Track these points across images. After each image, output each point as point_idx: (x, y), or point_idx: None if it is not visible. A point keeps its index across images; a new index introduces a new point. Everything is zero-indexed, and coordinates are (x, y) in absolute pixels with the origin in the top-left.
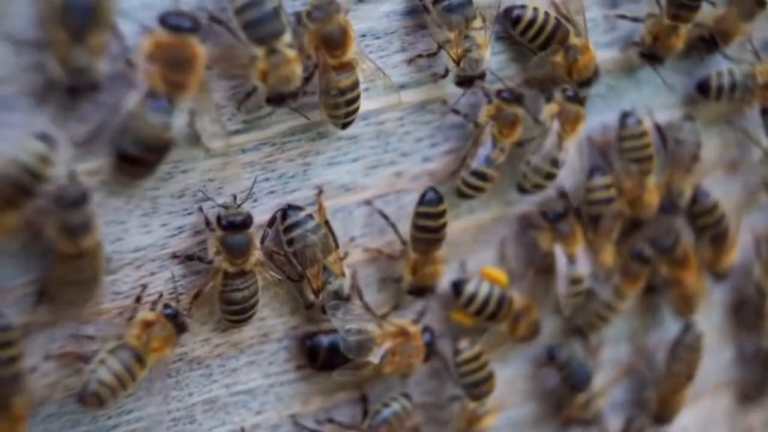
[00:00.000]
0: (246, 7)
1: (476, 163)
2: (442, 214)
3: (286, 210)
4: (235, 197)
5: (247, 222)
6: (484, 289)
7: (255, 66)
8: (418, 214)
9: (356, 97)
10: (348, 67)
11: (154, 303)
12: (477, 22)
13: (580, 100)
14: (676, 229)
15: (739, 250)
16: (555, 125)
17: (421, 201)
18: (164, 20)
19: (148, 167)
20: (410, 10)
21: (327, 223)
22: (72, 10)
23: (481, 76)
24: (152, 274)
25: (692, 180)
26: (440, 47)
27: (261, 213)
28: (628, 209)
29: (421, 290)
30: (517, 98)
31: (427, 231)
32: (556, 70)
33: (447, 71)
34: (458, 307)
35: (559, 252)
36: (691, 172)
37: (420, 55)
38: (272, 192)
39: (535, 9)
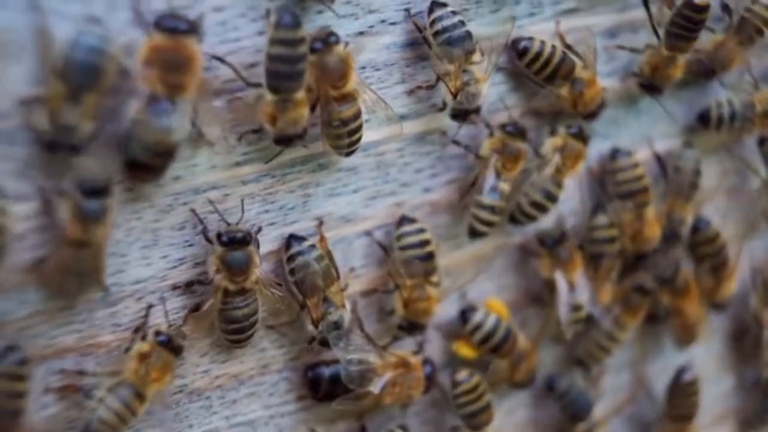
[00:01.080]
0: (279, 59)
1: (485, 197)
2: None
3: (290, 239)
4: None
5: (247, 239)
6: (491, 320)
7: (263, 108)
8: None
9: (359, 127)
10: (349, 98)
11: (144, 332)
12: (476, 56)
13: (584, 138)
14: (677, 259)
15: (738, 279)
16: (556, 159)
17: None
18: (159, 23)
19: (158, 171)
20: (410, 42)
21: (329, 253)
22: (76, 65)
23: (477, 111)
24: (153, 306)
25: (693, 208)
26: (439, 79)
27: (261, 244)
28: (630, 244)
29: (413, 326)
30: (520, 132)
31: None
32: (562, 104)
33: (445, 104)
34: (463, 335)
35: (559, 278)
36: (691, 200)
37: (419, 87)
38: (272, 223)
39: (542, 41)
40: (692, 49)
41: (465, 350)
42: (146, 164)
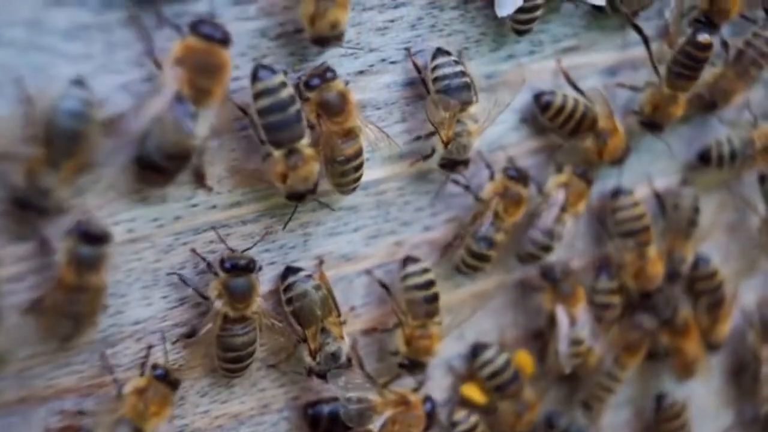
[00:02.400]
0: (269, 110)
1: (474, 244)
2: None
3: (286, 271)
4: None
5: (250, 266)
6: (502, 359)
7: (272, 168)
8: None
9: (362, 163)
10: (352, 134)
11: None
12: (473, 108)
13: (588, 179)
14: (676, 298)
15: (737, 314)
16: (559, 197)
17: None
18: (196, 28)
19: (168, 176)
20: (410, 81)
21: (330, 291)
22: (56, 131)
23: (465, 163)
24: (152, 346)
25: (693, 246)
26: (433, 126)
27: (261, 284)
28: (633, 283)
29: (415, 365)
30: (523, 178)
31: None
32: (587, 155)
33: (433, 151)
34: (474, 378)
35: (560, 312)
36: (690, 238)
37: (418, 137)
38: (272, 263)
39: (564, 95)
40: (693, 87)
41: (474, 394)
42: (158, 166)
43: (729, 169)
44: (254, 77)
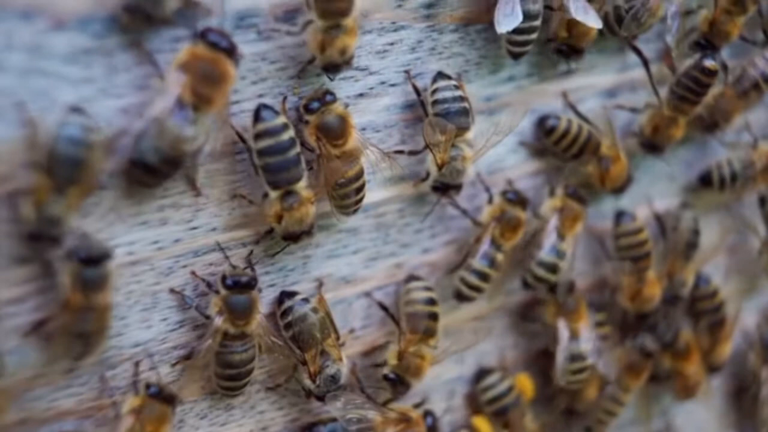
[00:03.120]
0: (269, 151)
1: (476, 262)
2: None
3: (281, 296)
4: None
5: (251, 283)
6: (504, 385)
7: (269, 208)
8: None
9: (363, 185)
10: (352, 156)
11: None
12: (469, 135)
13: (581, 199)
14: (677, 321)
15: (738, 336)
16: (554, 220)
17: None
18: (204, 35)
19: (159, 178)
20: (410, 104)
21: (328, 314)
22: (59, 159)
23: (458, 188)
24: (152, 368)
25: (693, 268)
26: (427, 147)
27: (262, 306)
28: (630, 304)
29: (400, 381)
30: (521, 201)
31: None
32: (589, 179)
33: (428, 175)
34: (483, 411)
35: (561, 326)
36: (690, 260)
37: (401, 152)
38: (272, 285)
39: (569, 120)
40: (695, 111)
41: (483, 426)
42: (152, 167)
43: (730, 190)
44: (256, 117)
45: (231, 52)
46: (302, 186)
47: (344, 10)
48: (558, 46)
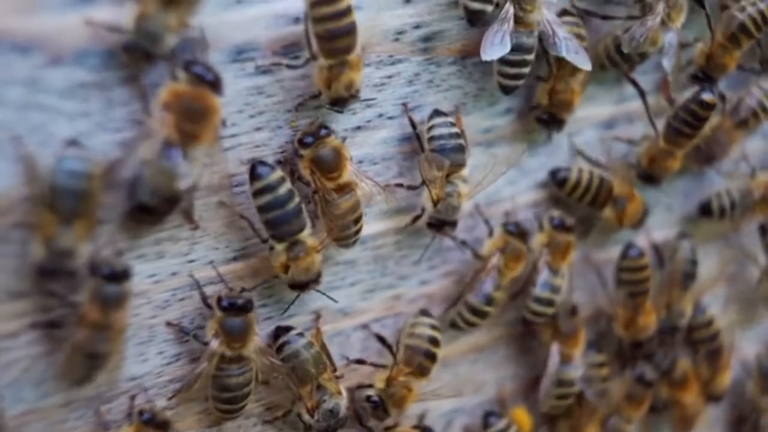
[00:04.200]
0: (269, 207)
1: (474, 299)
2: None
3: (277, 331)
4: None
5: (248, 306)
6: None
7: (275, 259)
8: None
9: (360, 217)
10: (347, 188)
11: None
12: (465, 172)
13: (569, 229)
14: (674, 351)
15: (737, 365)
16: (544, 256)
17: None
18: (188, 66)
19: (160, 216)
20: (407, 137)
21: (324, 346)
22: (62, 194)
23: (453, 224)
24: (148, 402)
25: (692, 298)
26: (424, 183)
27: (259, 338)
28: (624, 333)
29: (381, 407)
30: (522, 233)
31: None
32: (608, 224)
33: (423, 211)
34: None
35: (555, 349)
36: (688, 290)
37: (400, 185)
38: (269, 318)
39: (579, 169)
40: (691, 144)
41: None
42: (151, 208)
43: (729, 220)
44: (253, 175)
45: (214, 84)
46: (307, 235)
47: (348, 48)
48: (539, 114)
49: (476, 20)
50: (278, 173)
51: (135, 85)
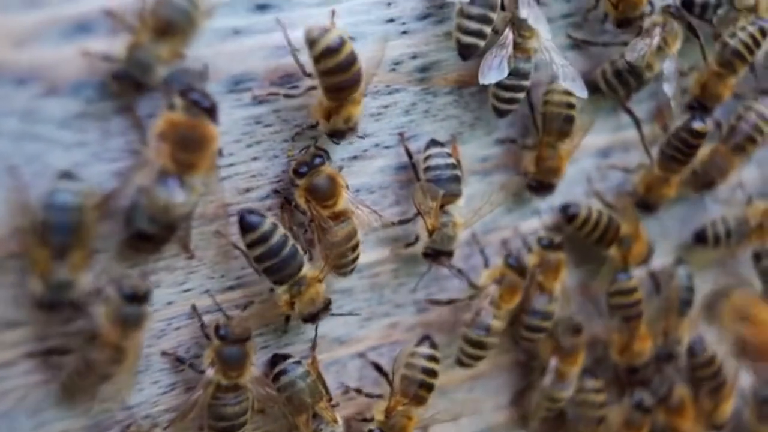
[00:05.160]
0: (265, 257)
1: (473, 332)
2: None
3: (274, 359)
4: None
5: (245, 335)
6: None
7: (279, 299)
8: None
9: (357, 244)
10: (343, 216)
11: None
12: (460, 201)
13: (558, 247)
14: (671, 377)
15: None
16: (536, 277)
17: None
18: (184, 93)
19: (159, 244)
20: (403, 166)
21: (319, 375)
22: (54, 228)
23: (449, 254)
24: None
25: (689, 325)
26: (418, 214)
27: (255, 367)
28: (619, 358)
29: None
30: (522, 269)
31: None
32: (613, 263)
33: (417, 239)
34: None
35: (552, 364)
36: (685, 317)
37: (393, 223)
38: (266, 346)
39: (589, 207)
40: (685, 170)
41: None
42: (149, 235)
43: (725, 247)
44: (243, 227)
45: (210, 112)
46: (306, 270)
47: (353, 93)
48: (528, 182)
49: (468, 54)
50: (269, 221)
51: (130, 115)
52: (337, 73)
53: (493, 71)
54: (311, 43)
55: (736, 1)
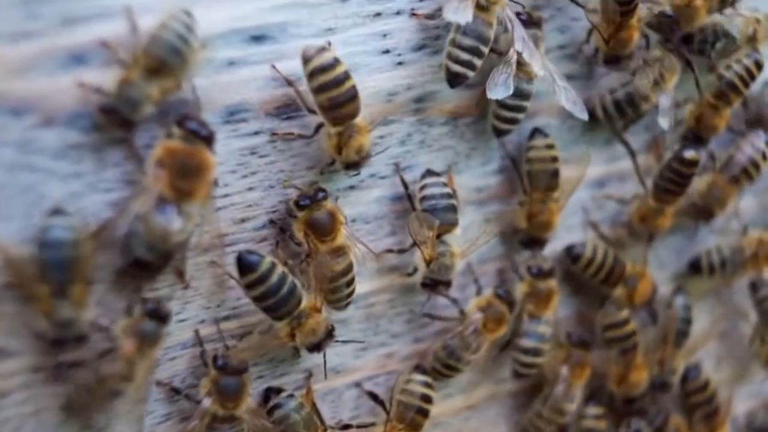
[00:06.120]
0: (264, 296)
1: (447, 358)
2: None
3: (267, 392)
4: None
5: (242, 366)
6: None
7: (281, 332)
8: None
9: (353, 279)
10: (340, 251)
11: None
12: (457, 230)
13: (548, 274)
14: (667, 407)
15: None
16: (527, 306)
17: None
18: (181, 122)
19: (155, 272)
20: (399, 196)
21: (314, 406)
22: (51, 266)
23: (447, 284)
24: None
25: (684, 356)
26: (415, 244)
27: (251, 398)
28: (616, 389)
29: None
30: (510, 301)
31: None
32: (618, 303)
33: (415, 270)
34: None
35: (563, 376)
36: (680, 348)
37: (390, 251)
38: (261, 377)
39: (594, 246)
40: (679, 201)
41: None
42: (147, 263)
43: (720, 277)
44: (242, 268)
45: (208, 140)
46: (305, 303)
47: (353, 113)
48: (520, 238)
49: (456, 83)
50: (267, 261)
51: (127, 146)
52: (331, 88)
53: (499, 87)
54: (306, 60)
55: (738, 32)
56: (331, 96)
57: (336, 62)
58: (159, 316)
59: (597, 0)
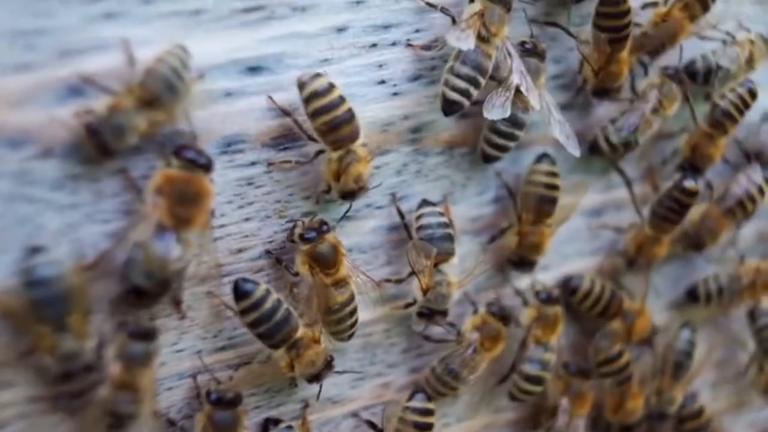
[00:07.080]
0: (258, 322)
1: (444, 375)
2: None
3: (266, 423)
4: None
5: (236, 399)
6: None
7: (279, 362)
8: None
9: (355, 309)
10: (343, 282)
11: None
12: (454, 260)
13: (555, 301)
14: None
15: None
16: (533, 330)
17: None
18: (179, 152)
19: (154, 300)
20: (395, 226)
21: None
22: (44, 304)
23: (444, 313)
24: None
25: (682, 387)
26: (412, 273)
27: (247, 429)
28: (612, 416)
29: None
30: (505, 317)
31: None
32: (616, 338)
33: (415, 300)
34: None
35: (563, 407)
36: (679, 379)
37: (388, 280)
38: (258, 407)
39: (592, 280)
40: (675, 230)
41: None
42: (145, 290)
43: (717, 305)
44: (237, 295)
45: (206, 168)
46: (301, 332)
47: (351, 136)
48: (510, 256)
49: (451, 111)
50: (262, 288)
51: (124, 176)
52: (326, 112)
53: (497, 108)
54: (301, 86)
55: (731, 62)
56: (327, 120)
57: (331, 87)
58: (142, 335)
59: (589, 32)
